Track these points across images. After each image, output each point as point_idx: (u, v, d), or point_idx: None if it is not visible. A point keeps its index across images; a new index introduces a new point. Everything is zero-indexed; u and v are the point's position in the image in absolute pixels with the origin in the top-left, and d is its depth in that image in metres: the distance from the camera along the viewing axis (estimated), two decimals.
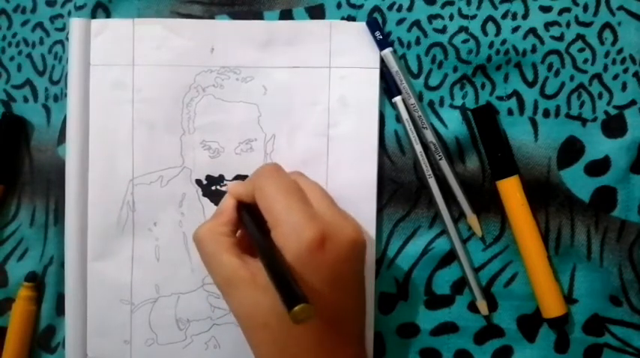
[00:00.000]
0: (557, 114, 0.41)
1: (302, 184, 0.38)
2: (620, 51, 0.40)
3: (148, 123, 0.42)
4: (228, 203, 0.38)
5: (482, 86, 0.41)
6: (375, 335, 0.41)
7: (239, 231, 0.38)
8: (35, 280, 0.44)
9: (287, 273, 0.31)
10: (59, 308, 0.43)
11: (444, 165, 0.41)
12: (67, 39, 0.43)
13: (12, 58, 0.44)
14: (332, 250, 0.34)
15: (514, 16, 0.41)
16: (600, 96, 0.41)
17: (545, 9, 0.41)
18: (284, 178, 0.37)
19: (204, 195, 0.42)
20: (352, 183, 0.41)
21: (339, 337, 0.35)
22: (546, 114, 0.41)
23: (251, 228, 0.36)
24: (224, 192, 0.42)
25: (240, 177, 0.42)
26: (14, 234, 0.44)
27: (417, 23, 0.41)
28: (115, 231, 0.42)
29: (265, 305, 0.34)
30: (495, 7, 0.41)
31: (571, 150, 0.41)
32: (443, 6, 0.41)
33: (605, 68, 0.41)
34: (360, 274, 0.37)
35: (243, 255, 0.35)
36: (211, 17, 0.43)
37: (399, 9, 0.42)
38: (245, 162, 0.42)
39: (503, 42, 0.41)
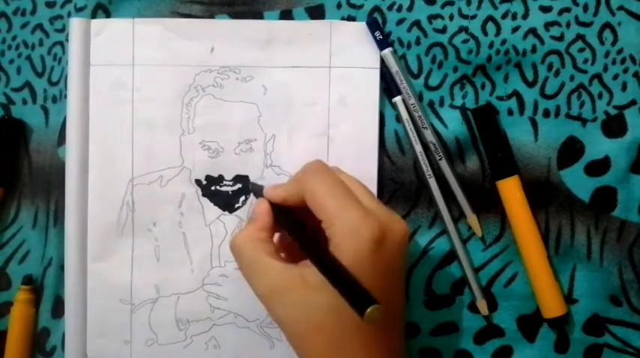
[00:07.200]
0: (557, 114, 0.41)
1: (344, 179, 0.37)
2: (620, 51, 0.40)
3: (148, 123, 0.42)
4: (262, 208, 0.36)
5: (483, 86, 0.41)
6: None
7: (275, 237, 0.37)
8: (32, 282, 0.43)
9: (349, 274, 0.30)
10: (55, 311, 0.43)
11: (444, 165, 0.41)
12: (67, 40, 0.43)
13: (11, 61, 0.44)
14: (389, 246, 0.33)
15: (514, 16, 0.41)
16: (600, 96, 0.41)
17: (545, 9, 0.41)
18: (332, 176, 0.36)
19: (203, 195, 0.42)
20: None
21: (392, 331, 0.35)
22: (546, 114, 0.41)
23: (295, 229, 0.35)
24: (224, 192, 0.42)
25: (239, 177, 0.42)
26: (15, 236, 0.44)
27: (417, 23, 0.41)
28: (114, 232, 0.42)
29: (320, 306, 0.33)
30: (495, 7, 0.41)
31: (571, 150, 0.41)
32: (443, 6, 0.41)
33: (605, 68, 0.41)
34: (405, 267, 0.36)
35: (284, 261, 0.35)
36: (211, 17, 0.43)
37: (399, 9, 0.41)
38: (245, 162, 0.42)
39: (503, 42, 0.41)
